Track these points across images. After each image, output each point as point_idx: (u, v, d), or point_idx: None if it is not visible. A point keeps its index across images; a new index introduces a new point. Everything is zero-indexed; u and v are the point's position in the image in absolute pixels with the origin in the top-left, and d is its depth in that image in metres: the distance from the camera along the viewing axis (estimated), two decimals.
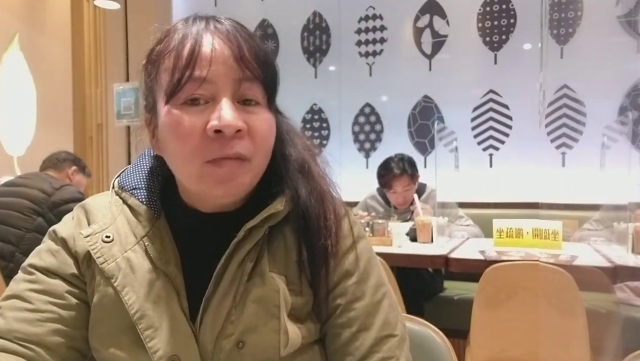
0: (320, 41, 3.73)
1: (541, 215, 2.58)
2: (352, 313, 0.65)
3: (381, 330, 0.65)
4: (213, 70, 0.58)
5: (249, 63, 0.59)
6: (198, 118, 0.58)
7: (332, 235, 0.65)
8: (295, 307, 0.63)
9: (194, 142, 0.58)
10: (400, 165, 2.58)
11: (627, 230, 1.99)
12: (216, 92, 0.58)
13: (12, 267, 1.95)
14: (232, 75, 0.59)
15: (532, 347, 1.62)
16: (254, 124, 0.60)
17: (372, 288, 0.67)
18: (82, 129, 3.98)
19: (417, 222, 2.35)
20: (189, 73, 0.57)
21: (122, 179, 0.70)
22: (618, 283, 2.10)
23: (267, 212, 0.63)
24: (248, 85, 0.59)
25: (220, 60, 0.58)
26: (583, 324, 1.58)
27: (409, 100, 3.51)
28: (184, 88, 0.58)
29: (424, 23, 3.47)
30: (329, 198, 0.68)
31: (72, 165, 2.42)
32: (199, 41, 0.59)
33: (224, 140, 0.57)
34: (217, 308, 0.60)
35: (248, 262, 0.62)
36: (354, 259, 0.67)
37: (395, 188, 2.61)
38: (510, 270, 1.66)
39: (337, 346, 0.65)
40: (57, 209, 2.06)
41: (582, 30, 3.06)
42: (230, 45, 0.59)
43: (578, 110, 3.07)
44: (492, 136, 3.31)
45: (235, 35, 0.60)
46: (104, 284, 0.62)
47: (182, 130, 0.58)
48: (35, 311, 0.61)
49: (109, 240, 0.63)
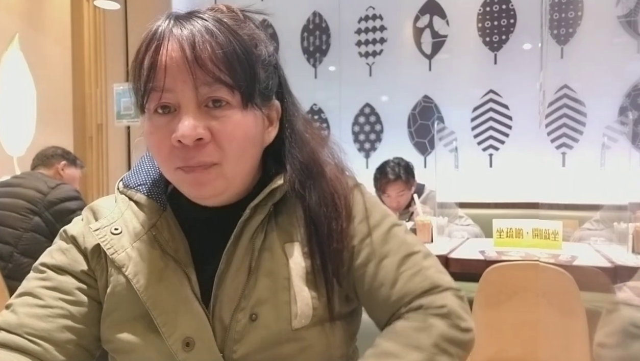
0: (320, 41, 3.73)
1: (541, 215, 2.58)
2: (367, 249, 0.66)
3: (399, 251, 0.66)
4: (169, 79, 0.57)
5: (208, 67, 0.57)
6: (165, 128, 0.58)
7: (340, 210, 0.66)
8: (310, 270, 0.64)
9: (164, 151, 0.59)
10: (395, 170, 2.57)
11: (627, 230, 1.99)
12: (177, 100, 0.58)
13: (10, 267, 1.95)
14: (189, 81, 0.57)
15: (532, 347, 1.61)
16: (219, 129, 0.58)
17: (378, 219, 0.68)
18: (82, 129, 3.98)
19: (417, 222, 2.34)
20: (149, 85, 0.58)
21: (127, 178, 0.71)
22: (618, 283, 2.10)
23: (269, 188, 0.64)
24: (209, 89, 0.57)
25: (174, 67, 0.57)
26: (583, 324, 1.58)
27: (409, 100, 3.52)
28: (149, 98, 0.58)
29: (424, 23, 3.47)
30: (333, 173, 0.69)
31: (62, 159, 2.38)
32: (157, 49, 0.57)
33: (187, 149, 0.58)
34: (231, 284, 0.62)
35: (256, 239, 0.63)
36: (353, 201, 0.69)
37: (388, 193, 2.61)
38: (510, 270, 1.66)
39: (367, 286, 0.65)
40: (54, 208, 2.06)
41: (582, 30, 3.06)
42: (185, 49, 0.57)
43: (578, 110, 3.07)
44: (492, 136, 3.31)
45: (196, 35, 0.57)
46: (115, 274, 0.64)
47: (153, 140, 0.60)
48: (45, 307, 0.62)
49: (118, 232, 0.65)
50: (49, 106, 3.47)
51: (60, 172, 2.36)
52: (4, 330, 0.61)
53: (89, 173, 3.90)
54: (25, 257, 1.98)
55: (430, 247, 2.18)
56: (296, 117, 0.69)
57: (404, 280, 0.64)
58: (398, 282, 0.63)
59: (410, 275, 0.64)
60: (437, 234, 2.28)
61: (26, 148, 3.16)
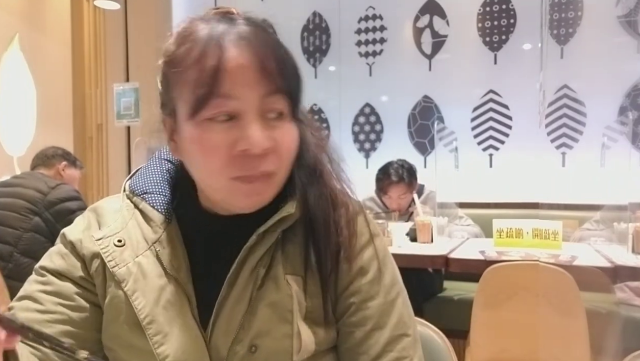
0: (320, 41, 3.73)
1: (541, 215, 2.58)
2: (367, 312, 0.64)
3: (395, 329, 0.64)
4: (237, 86, 0.55)
5: (275, 76, 0.56)
6: (224, 136, 0.56)
7: (344, 239, 0.64)
8: (311, 309, 0.62)
9: (220, 160, 0.56)
10: (398, 172, 2.57)
11: (627, 230, 1.99)
12: (241, 107, 0.56)
13: (10, 267, 1.95)
14: (257, 90, 0.56)
15: (532, 347, 1.61)
16: (280, 140, 0.58)
17: (387, 286, 0.66)
18: (82, 129, 3.97)
19: (417, 222, 2.34)
20: (213, 90, 0.55)
21: (133, 183, 0.69)
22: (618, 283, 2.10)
23: (279, 215, 0.62)
24: (273, 98, 0.57)
25: (245, 75, 0.55)
26: (583, 324, 1.58)
27: (409, 100, 3.51)
28: (207, 105, 0.55)
29: (424, 23, 3.47)
30: (340, 199, 0.67)
31: (62, 160, 2.38)
32: (223, 53, 0.55)
33: (251, 159, 0.56)
34: (231, 313, 0.60)
35: (261, 267, 0.61)
36: (369, 257, 0.66)
37: (390, 194, 2.61)
38: (510, 270, 1.66)
39: (350, 345, 0.64)
40: (54, 208, 2.06)
41: (582, 30, 3.06)
42: (257, 57, 0.55)
43: (578, 110, 3.07)
44: (492, 136, 3.31)
45: (262, 43, 0.56)
46: (114, 286, 0.63)
47: (208, 147, 0.56)
48: (45, 313, 0.62)
49: (121, 245, 0.63)
50: (49, 106, 3.47)
51: (61, 173, 2.36)
52: None
53: (89, 173, 3.90)
54: (25, 257, 1.98)
55: (430, 247, 2.19)
56: (305, 125, 0.67)
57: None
58: (381, 359, 0.62)
59: (395, 359, 0.63)
60: (437, 234, 2.28)
61: (26, 148, 3.16)
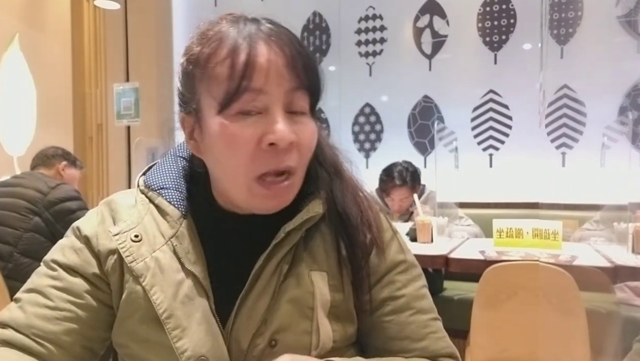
0: (320, 41, 3.73)
1: (541, 215, 2.58)
2: (402, 300, 0.66)
3: (429, 312, 0.68)
4: (268, 81, 0.57)
5: (300, 72, 0.59)
6: (253, 130, 0.57)
7: (374, 229, 0.67)
8: (335, 304, 0.64)
9: (247, 155, 0.58)
10: (402, 175, 2.58)
11: (627, 230, 1.99)
12: (269, 102, 0.58)
13: (10, 267, 1.95)
14: (285, 85, 0.58)
15: (532, 347, 1.61)
16: (302, 136, 0.60)
17: (416, 276, 0.69)
18: (82, 129, 3.97)
19: (417, 222, 2.34)
20: (244, 84, 0.56)
21: (148, 178, 0.69)
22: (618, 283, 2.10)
23: (307, 214, 0.63)
24: (298, 94, 0.59)
25: (274, 70, 0.57)
26: (583, 324, 1.58)
27: (409, 100, 3.51)
28: (239, 99, 0.57)
29: (424, 23, 3.47)
30: (361, 197, 0.69)
31: (62, 160, 2.39)
32: (253, 49, 0.57)
33: (277, 153, 0.58)
34: (253, 306, 0.61)
35: (284, 263, 0.62)
36: (397, 249, 0.69)
37: (393, 196, 2.63)
38: (510, 270, 1.66)
39: (391, 334, 0.66)
40: (54, 208, 2.06)
41: (582, 30, 3.06)
42: (284, 54, 0.58)
43: (578, 110, 3.07)
44: (492, 136, 3.31)
45: (288, 41, 0.59)
46: (132, 281, 0.63)
47: (237, 142, 0.58)
48: (54, 309, 0.62)
49: (138, 240, 0.63)
50: (49, 106, 3.47)
51: (61, 172, 2.36)
52: (12, 328, 0.61)
53: (89, 173, 3.90)
54: (25, 257, 1.98)
55: (430, 247, 2.19)
56: (320, 122, 0.69)
57: (431, 340, 0.66)
58: (424, 340, 0.66)
59: (437, 339, 0.67)
60: (437, 234, 2.28)
61: (26, 148, 3.16)
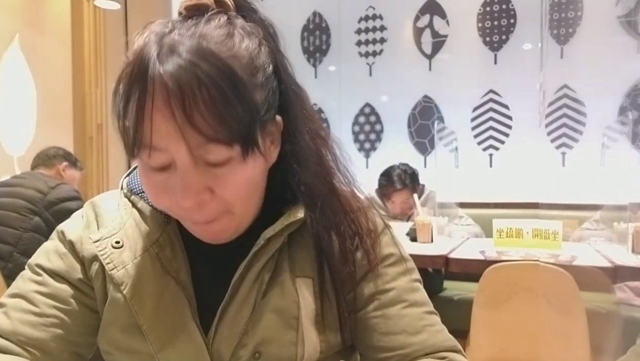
0: (320, 41, 3.73)
1: (541, 215, 2.58)
2: (391, 293, 0.63)
3: (423, 305, 0.64)
4: (160, 138, 0.50)
5: (202, 127, 0.49)
6: (163, 185, 0.53)
7: (360, 237, 0.63)
8: (321, 312, 0.61)
9: (163, 204, 0.56)
10: (401, 178, 2.59)
11: (627, 230, 1.99)
12: (171, 158, 0.51)
13: (10, 267, 1.95)
14: (184, 144, 0.50)
15: (532, 347, 1.61)
16: (222, 187, 0.53)
17: (409, 269, 0.66)
18: (82, 129, 3.97)
19: (417, 222, 2.34)
20: (137, 139, 0.50)
21: (131, 180, 0.67)
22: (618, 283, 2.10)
23: (287, 219, 0.60)
24: (205, 149, 0.50)
25: (166, 127, 0.49)
26: (583, 324, 1.58)
27: (409, 100, 3.51)
28: (138, 154, 0.52)
29: (424, 23, 3.47)
30: (348, 195, 0.65)
31: (63, 160, 2.39)
32: (143, 98, 0.49)
33: (191, 211, 0.54)
34: (234, 318, 0.59)
35: (266, 272, 0.60)
36: (387, 242, 0.66)
37: (394, 200, 2.63)
38: (510, 270, 1.66)
39: (383, 329, 0.62)
40: (54, 208, 2.06)
41: (582, 30, 3.06)
42: (174, 108, 0.48)
43: (578, 110, 3.07)
44: (492, 136, 3.31)
45: (186, 90, 0.48)
46: (113, 289, 0.61)
47: (151, 194, 0.56)
48: (40, 316, 0.61)
49: (119, 246, 0.61)
50: (49, 106, 3.47)
51: (61, 173, 2.36)
52: None
53: (89, 173, 3.90)
54: (25, 257, 1.98)
55: (430, 247, 2.19)
56: (301, 130, 0.61)
57: (429, 333, 0.62)
58: (422, 333, 0.62)
59: (435, 331, 0.63)
60: (437, 234, 2.28)
61: (26, 148, 3.16)
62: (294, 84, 0.62)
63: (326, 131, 0.65)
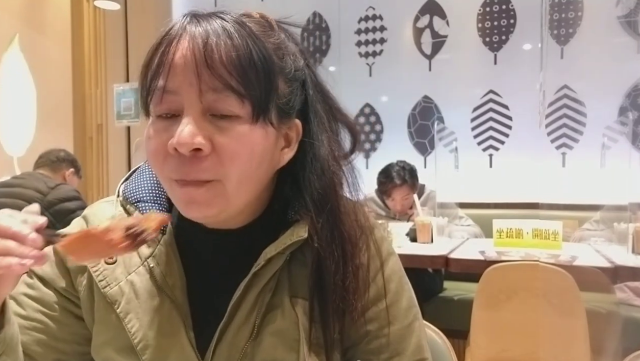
0: (320, 41, 3.73)
1: (541, 215, 2.58)
2: (384, 340, 0.61)
3: (414, 354, 0.62)
4: (174, 79, 0.51)
5: (218, 70, 0.50)
6: (164, 133, 0.52)
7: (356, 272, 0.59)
8: (316, 335, 0.59)
9: (159, 160, 0.53)
10: (401, 174, 2.58)
11: (627, 230, 1.99)
12: (181, 104, 0.52)
13: None
14: (195, 84, 0.51)
15: (532, 347, 1.61)
16: (222, 142, 0.51)
17: (404, 310, 0.64)
18: (82, 129, 3.97)
19: (417, 222, 2.35)
20: (154, 84, 0.52)
21: (127, 188, 0.66)
22: (618, 283, 2.10)
23: (290, 239, 0.57)
24: (217, 96, 0.51)
25: (181, 66, 0.51)
26: (583, 324, 1.58)
27: (409, 101, 3.51)
28: (153, 99, 0.53)
29: (424, 23, 3.47)
30: (352, 223, 0.61)
31: (70, 167, 2.41)
32: (169, 47, 0.51)
33: (183, 161, 0.51)
34: (233, 340, 0.57)
35: (267, 292, 0.58)
36: (384, 283, 0.63)
37: (394, 197, 2.63)
38: (510, 270, 1.66)
39: None
40: (53, 208, 2.06)
41: (582, 31, 3.06)
42: (199, 50, 0.50)
43: (578, 111, 3.07)
44: (492, 136, 3.31)
45: (210, 34, 0.51)
46: (104, 308, 0.60)
47: (150, 146, 0.54)
48: (25, 319, 0.61)
49: (112, 262, 0.60)
50: (49, 106, 3.47)
51: (65, 178, 2.39)
52: None
53: (89, 174, 3.90)
54: None
55: (430, 247, 2.19)
56: (320, 142, 0.60)
57: None
58: None
59: None
60: (437, 234, 2.28)
61: (26, 148, 3.15)
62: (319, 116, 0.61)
63: (343, 155, 0.63)
